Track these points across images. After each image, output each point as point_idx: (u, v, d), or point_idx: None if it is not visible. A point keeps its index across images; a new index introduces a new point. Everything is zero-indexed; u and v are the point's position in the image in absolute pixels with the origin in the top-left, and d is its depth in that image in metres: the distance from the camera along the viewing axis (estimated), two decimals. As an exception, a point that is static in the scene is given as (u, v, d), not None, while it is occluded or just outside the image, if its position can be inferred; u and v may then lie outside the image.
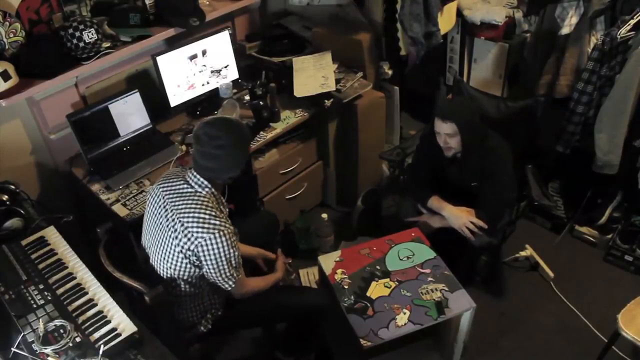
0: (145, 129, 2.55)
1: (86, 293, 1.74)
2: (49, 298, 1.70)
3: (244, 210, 2.76)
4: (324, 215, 2.86)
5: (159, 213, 1.84)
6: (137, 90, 2.48)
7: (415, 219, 2.50)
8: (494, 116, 2.63)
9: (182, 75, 2.63)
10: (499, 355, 2.45)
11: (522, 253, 2.81)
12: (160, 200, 1.85)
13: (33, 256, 1.87)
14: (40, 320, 1.59)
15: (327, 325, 2.22)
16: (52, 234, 1.97)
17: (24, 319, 1.63)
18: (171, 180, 1.87)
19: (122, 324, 1.63)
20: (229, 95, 2.73)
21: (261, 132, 2.61)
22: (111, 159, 2.43)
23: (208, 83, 2.75)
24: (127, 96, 2.46)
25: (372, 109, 2.89)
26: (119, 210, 2.20)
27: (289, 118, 2.71)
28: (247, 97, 2.79)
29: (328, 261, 2.26)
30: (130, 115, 2.49)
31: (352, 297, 2.10)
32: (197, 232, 1.74)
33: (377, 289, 2.13)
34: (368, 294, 2.12)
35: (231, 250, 1.78)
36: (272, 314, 2.11)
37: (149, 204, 1.91)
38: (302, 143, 2.88)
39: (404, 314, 2.04)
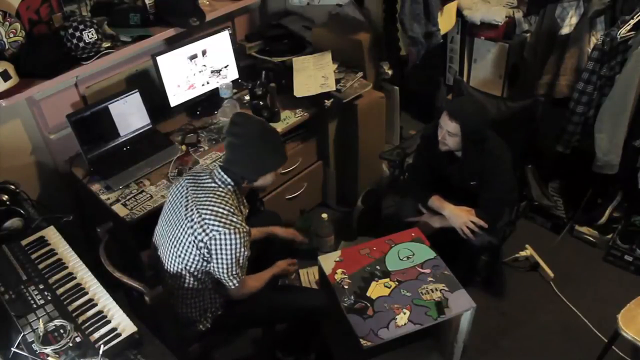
0: (145, 129, 2.55)
1: (86, 293, 1.74)
2: (49, 298, 1.71)
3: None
4: (324, 215, 2.86)
5: (180, 202, 1.87)
6: (137, 90, 2.49)
7: (415, 219, 2.50)
8: (494, 116, 2.63)
9: (182, 75, 2.63)
10: (499, 355, 2.45)
11: (522, 253, 2.81)
12: (183, 190, 1.87)
13: (33, 256, 1.88)
14: (40, 320, 1.59)
15: (327, 325, 2.22)
16: (52, 234, 1.97)
17: (24, 319, 1.63)
18: (198, 175, 1.90)
19: (122, 324, 1.63)
20: (229, 95, 2.73)
21: (261, 132, 2.61)
22: (111, 159, 2.43)
23: (208, 83, 2.75)
24: (127, 96, 2.46)
25: (372, 109, 2.89)
26: (119, 210, 2.20)
27: (289, 118, 2.71)
28: (247, 97, 2.78)
29: (328, 261, 2.26)
30: (130, 115, 2.49)
31: (352, 297, 2.10)
32: (214, 225, 1.76)
33: (377, 289, 2.13)
34: (368, 294, 2.11)
35: (242, 249, 1.79)
36: (270, 315, 2.11)
37: (172, 194, 1.94)
38: (302, 143, 2.88)
39: (404, 314, 2.04)
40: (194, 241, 1.79)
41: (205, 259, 1.81)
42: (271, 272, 2.11)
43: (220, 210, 1.77)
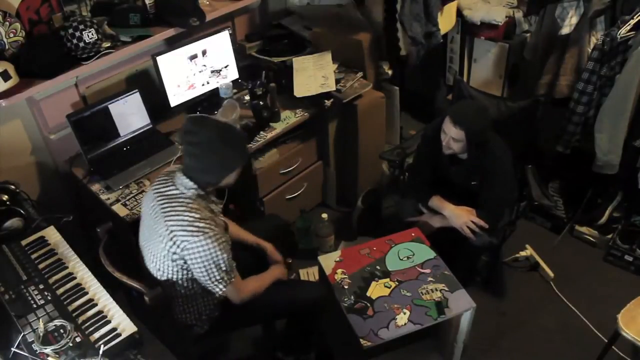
0: (145, 129, 2.55)
1: (86, 293, 1.74)
2: (49, 298, 1.71)
3: (244, 210, 2.76)
4: (324, 215, 2.86)
5: (150, 216, 1.83)
6: (137, 90, 2.48)
7: (415, 219, 2.50)
8: (494, 116, 2.63)
9: (182, 75, 2.63)
10: (499, 355, 2.45)
11: (522, 253, 2.82)
12: (152, 202, 1.83)
13: (33, 256, 1.88)
14: (40, 320, 1.59)
15: (327, 325, 2.22)
16: (52, 234, 1.98)
17: (24, 319, 1.63)
18: (162, 183, 1.85)
19: (122, 324, 1.63)
20: (229, 95, 2.73)
21: (261, 132, 2.61)
22: (111, 159, 2.43)
23: (208, 83, 2.75)
24: (127, 96, 2.46)
25: (372, 109, 2.89)
26: (119, 210, 2.20)
27: (289, 118, 2.71)
28: (247, 97, 2.78)
29: (328, 261, 2.26)
30: (130, 115, 2.49)
31: (352, 297, 2.10)
32: (181, 235, 1.72)
33: (377, 289, 2.13)
34: (368, 294, 2.11)
35: (218, 252, 1.74)
36: (269, 310, 2.09)
37: (143, 206, 1.91)
38: (302, 143, 2.88)
39: (404, 314, 2.04)
40: (168, 254, 1.76)
41: (186, 268, 1.79)
42: (272, 276, 2.06)
43: (186, 218, 1.72)
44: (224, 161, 1.77)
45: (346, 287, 2.14)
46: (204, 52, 2.68)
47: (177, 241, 1.73)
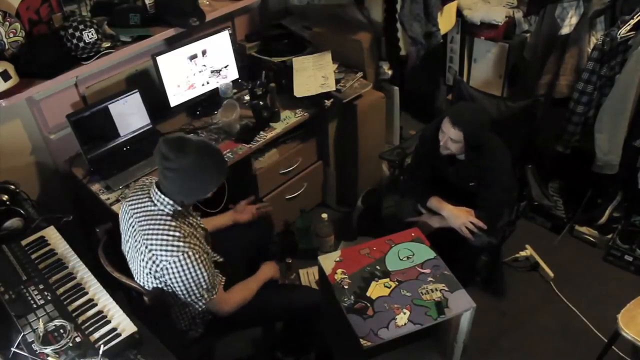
0: (145, 129, 2.55)
1: (86, 293, 1.74)
2: (49, 298, 1.71)
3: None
4: (324, 215, 2.86)
5: (130, 233, 1.82)
6: (137, 90, 2.48)
7: (415, 219, 2.50)
8: (494, 116, 2.63)
9: (182, 75, 2.63)
10: (499, 355, 2.45)
11: (522, 253, 2.82)
12: (129, 218, 1.81)
13: (33, 256, 1.88)
14: (40, 320, 1.59)
15: (327, 325, 2.22)
16: (52, 234, 1.98)
17: (24, 319, 1.63)
18: (138, 197, 1.82)
19: (122, 324, 1.63)
20: (229, 95, 2.74)
21: (261, 132, 2.61)
22: (111, 159, 2.43)
23: (208, 83, 2.75)
24: (127, 96, 2.46)
25: (372, 109, 2.89)
26: (119, 210, 2.20)
27: (289, 118, 2.71)
28: (247, 97, 2.79)
29: (328, 261, 2.25)
30: (130, 115, 2.49)
31: (352, 297, 2.10)
32: (161, 255, 1.70)
33: (377, 289, 2.13)
34: (368, 294, 2.11)
35: (198, 272, 1.73)
36: (263, 315, 2.09)
37: (121, 221, 1.88)
38: (302, 143, 2.88)
39: (404, 314, 2.03)
40: (150, 273, 1.76)
41: (168, 285, 1.77)
42: (258, 280, 2.04)
43: (165, 237, 1.70)
44: (201, 186, 1.75)
45: (346, 287, 2.14)
46: (204, 52, 2.68)
47: (157, 261, 1.71)
